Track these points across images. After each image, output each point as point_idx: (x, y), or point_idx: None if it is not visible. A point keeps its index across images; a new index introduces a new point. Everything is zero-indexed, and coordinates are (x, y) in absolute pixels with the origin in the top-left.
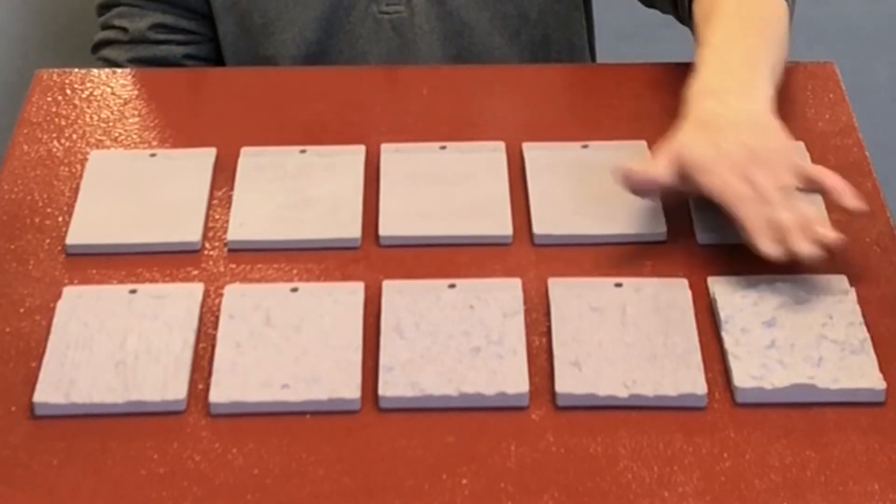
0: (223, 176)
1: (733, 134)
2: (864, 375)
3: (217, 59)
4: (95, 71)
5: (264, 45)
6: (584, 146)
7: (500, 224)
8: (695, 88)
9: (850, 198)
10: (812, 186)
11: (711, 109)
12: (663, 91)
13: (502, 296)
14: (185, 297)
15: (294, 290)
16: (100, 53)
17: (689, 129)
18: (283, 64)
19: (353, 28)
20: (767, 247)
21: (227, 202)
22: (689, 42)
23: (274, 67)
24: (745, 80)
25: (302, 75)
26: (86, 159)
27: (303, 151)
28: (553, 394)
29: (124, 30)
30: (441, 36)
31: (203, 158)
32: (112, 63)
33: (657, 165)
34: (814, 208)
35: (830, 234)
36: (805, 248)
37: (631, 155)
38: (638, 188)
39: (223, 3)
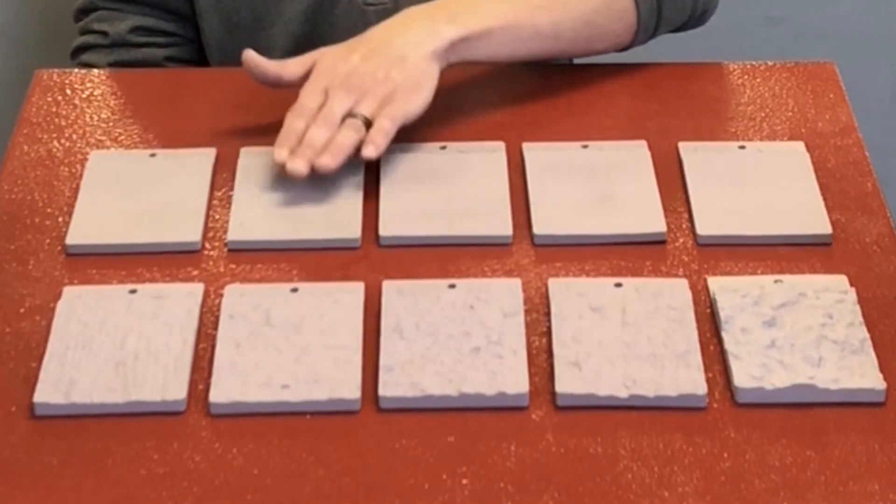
0: (223, 176)
1: (362, 55)
2: (864, 375)
3: (199, 61)
4: (96, 71)
5: (254, 41)
6: (584, 146)
7: (500, 224)
8: (411, 9)
9: (366, 144)
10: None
11: (377, 30)
12: (663, 91)
13: (502, 296)
14: (185, 297)
15: (294, 290)
16: (80, 58)
17: (350, 40)
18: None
19: (339, 20)
20: (277, 152)
21: (227, 202)
22: (689, 42)
23: None
24: (437, 17)
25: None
26: (86, 159)
27: None
28: (553, 394)
29: (104, 34)
30: None
31: (203, 158)
32: (92, 67)
33: (290, 64)
34: (345, 138)
35: (323, 161)
36: (291, 164)
37: (631, 155)
38: (259, 78)
39: (208, 1)
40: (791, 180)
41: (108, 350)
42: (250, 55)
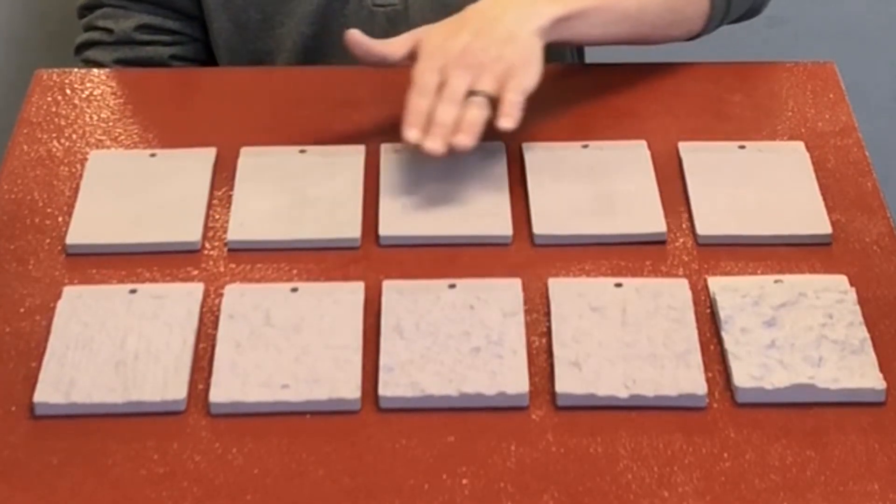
0: (223, 176)
1: (471, 33)
2: (865, 375)
3: (204, 60)
4: (95, 71)
5: (262, 40)
6: (584, 146)
7: (500, 224)
8: None
9: (501, 117)
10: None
11: (477, 9)
12: (663, 91)
13: (502, 296)
14: (185, 297)
15: (294, 290)
16: (84, 55)
17: (452, 18)
18: (279, 59)
19: (348, 21)
20: (407, 132)
21: (227, 202)
22: (689, 42)
23: (274, 67)
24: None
25: (302, 75)
26: (86, 159)
27: (303, 151)
28: (553, 394)
29: (109, 31)
30: None
31: (203, 158)
32: (97, 65)
33: (394, 43)
34: (476, 115)
35: (461, 139)
36: (429, 143)
37: (631, 155)
38: (363, 57)
39: (217, 1)
40: (791, 180)
41: (108, 350)
42: (355, 34)
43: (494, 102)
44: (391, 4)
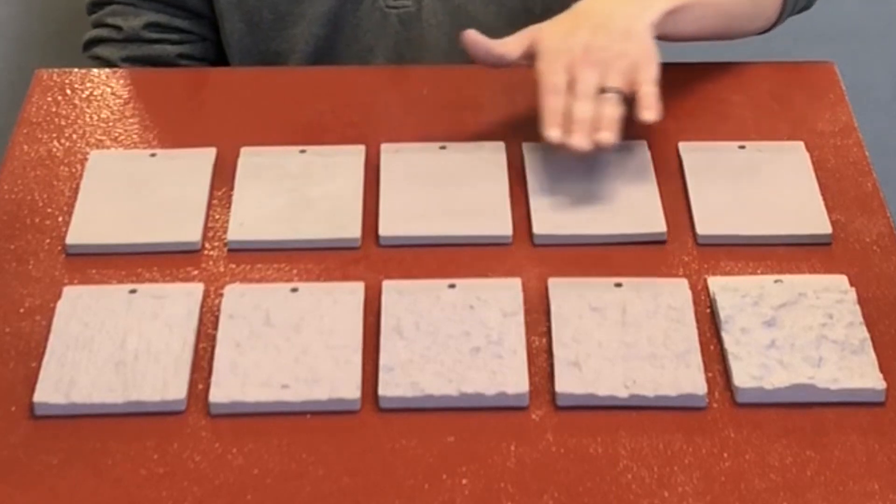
0: (223, 176)
1: (589, 30)
2: (864, 375)
3: (212, 59)
4: (95, 71)
5: (275, 41)
6: None
7: (500, 224)
8: None
9: (644, 110)
10: (631, 95)
11: (590, 4)
12: (663, 91)
13: (502, 296)
14: (185, 297)
15: (294, 290)
16: (92, 52)
17: (563, 15)
18: (291, 59)
19: (361, 22)
20: (548, 132)
21: (227, 202)
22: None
23: (274, 67)
24: None
25: (302, 75)
26: (86, 159)
27: (303, 151)
28: (553, 394)
29: (118, 28)
30: (448, 30)
31: (203, 158)
32: (105, 61)
33: (510, 43)
34: (613, 111)
35: (606, 136)
36: (577, 140)
37: (631, 155)
38: (484, 58)
39: (229, 1)
40: (791, 180)
41: (108, 350)
42: (472, 34)
43: (624, 98)
44: (404, 6)
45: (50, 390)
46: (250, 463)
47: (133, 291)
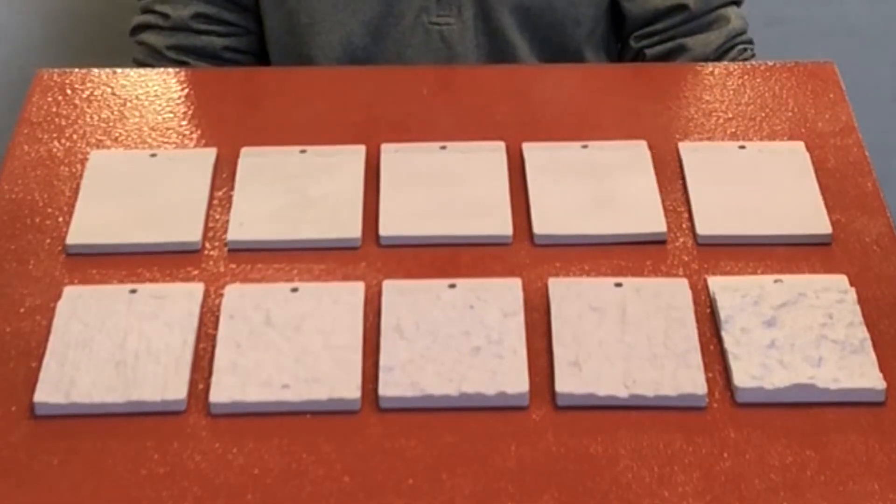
0: (223, 176)
1: None
2: (864, 375)
3: (257, 52)
4: (96, 71)
5: (309, 45)
6: (584, 146)
7: (500, 224)
8: None
9: None
10: None
11: None
12: (663, 91)
13: (502, 296)
14: (185, 297)
15: (294, 290)
16: (139, 37)
17: None
18: (325, 66)
19: (403, 37)
20: None
21: (227, 202)
22: None
23: (273, 67)
24: None
25: (302, 76)
26: (86, 159)
27: (303, 151)
28: (553, 394)
29: (166, 16)
30: (486, 52)
31: (203, 158)
32: (151, 48)
33: None
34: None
35: None
36: None
37: (631, 155)
38: None
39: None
40: (791, 180)
41: (108, 350)
42: None
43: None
44: (447, 24)
45: (50, 390)
46: (250, 463)
47: (133, 291)
